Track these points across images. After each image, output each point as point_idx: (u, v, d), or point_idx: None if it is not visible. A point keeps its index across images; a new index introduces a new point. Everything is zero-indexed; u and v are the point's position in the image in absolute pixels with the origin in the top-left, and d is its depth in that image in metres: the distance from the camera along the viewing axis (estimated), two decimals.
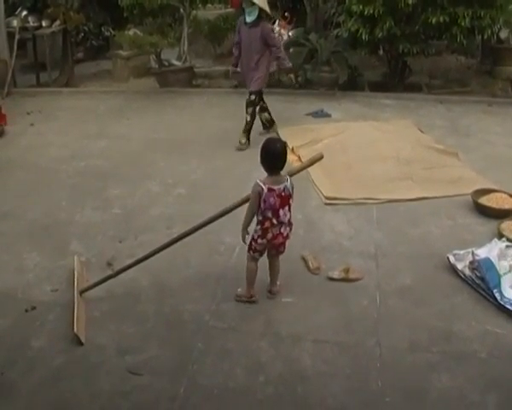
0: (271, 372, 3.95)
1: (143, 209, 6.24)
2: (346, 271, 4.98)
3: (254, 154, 6.89)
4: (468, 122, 8.99)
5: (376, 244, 5.51)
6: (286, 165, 4.44)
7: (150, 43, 10.21)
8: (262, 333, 4.32)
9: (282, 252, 4.66)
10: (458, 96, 10.35)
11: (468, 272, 4.94)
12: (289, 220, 4.49)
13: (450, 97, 10.27)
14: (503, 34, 11.78)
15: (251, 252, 4.59)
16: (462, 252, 5.14)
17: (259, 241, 4.49)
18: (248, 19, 7.59)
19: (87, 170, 7.25)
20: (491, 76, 11.97)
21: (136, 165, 7.38)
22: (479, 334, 4.33)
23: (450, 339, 4.28)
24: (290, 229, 4.54)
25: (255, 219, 4.48)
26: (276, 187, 4.31)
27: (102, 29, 13.08)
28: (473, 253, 4.97)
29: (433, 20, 9.16)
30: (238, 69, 8.13)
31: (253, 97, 7.95)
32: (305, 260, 5.18)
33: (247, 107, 8.02)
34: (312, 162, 4.74)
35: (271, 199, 4.30)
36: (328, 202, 6.31)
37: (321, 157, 4.64)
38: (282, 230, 4.45)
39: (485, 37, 9.64)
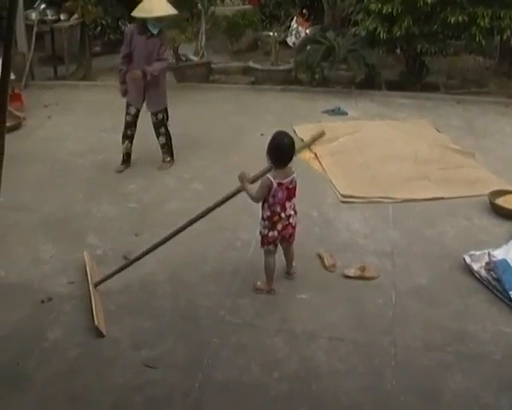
0: (286, 369, 3.97)
1: (159, 204, 6.27)
2: (362, 269, 4.98)
3: None
4: (485, 123, 8.92)
5: (392, 243, 5.50)
6: (303, 162, 4.50)
7: (168, 38, 10.18)
8: (277, 329, 4.34)
9: (292, 242, 4.80)
10: (475, 97, 10.27)
11: (484, 273, 4.93)
12: (294, 209, 4.64)
13: (467, 98, 10.19)
14: None
15: (265, 246, 4.70)
16: (478, 253, 5.12)
17: (270, 234, 4.61)
18: (154, 29, 6.75)
19: (104, 164, 7.27)
20: (508, 77, 11.89)
21: (152, 159, 7.37)
22: (493, 335, 4.33)
23: (464, 340, 4.29)
24: (296, 217, 4.69)
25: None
26: (284, 181, 4.46)
27: (120, 23, 13.08)
28: (489, 254, 4.95)
29: (452, 20, 9.08)
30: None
31: (160, 116, 7.13)
32: (320, 257, 5.19)
33: (157, 129, 7.19)
34: (315, 139, 5.08)
35: (279, 194, 4.46)
36: (344, 200, 6.30)
37: (323, 133, 4.92)
38: (290, 220, 4.62)
39: (505, 37, 9.49)
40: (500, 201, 6.09)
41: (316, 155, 7.34)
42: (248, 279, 4.91)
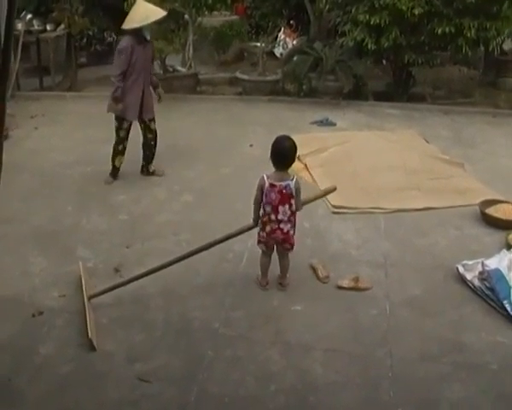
0: (282, 382, 3.93)
1: (149, 216, 6.21)
2: (356, 280, 4.96)
3: (261, 163, 6.92)
4: (473, 133, 8.99)
5: (385, 254, 5.49)
6: (293, 173, 4.69)
7: (156, 48, 10.15)
8: (272, 342, 4.30)
9: (288, 249, 4.83)
10: (462, 107, 10.35)
11: (477, 282, 4.93)
12: (290, 218, 4.64)
13: (454, 108, 10.26)
14: (507, 46, 11.82)
15: (258, 244, 4.86)
16: (471, 262, 5.13)
17: (261, 233, 4.75)
18: (148, 36, 6.73)
19: (92, 176, 7.20)
20: (494, 87, 11.99)
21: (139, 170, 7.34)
22: (489, 345, 4.32)
23: (460, 350, 4.27)
24: (292, 226, 4.70)
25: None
26: (277, 183, 4.54)
27: (105, 34, 13.06)
28: (483, 263, 4.95)
29: (439, 31, 9.16)
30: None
31: (154, 125, 7.15)
32: (313, 268, 5.16)
33: (155, 137, 7.16)
34: (327, 193, 5.21)
35: (272, 194, 4.54)
36: (335, 210, 6.29)
37: (334, 189, 5.03)
38: (281, 225, 4.63)
39: (490, 48, 9.56)
40: (491, 210, 6.11)
41: (306, 165, 7.33)
42: (241, 291, 4.89)
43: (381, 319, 4.57)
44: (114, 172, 7.15)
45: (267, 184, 4.55)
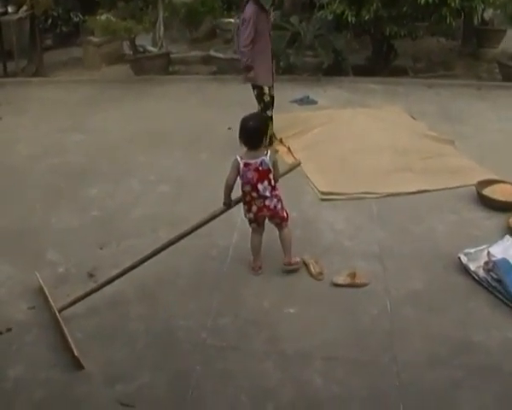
0: (280, 398, 3.55)
1: (125, 210, 5.76)
2: (352, 276, 4.58)
3: (241, 146, 6.46)
4: (460, 107, 8.64)
5: (380, 244, 5.12)
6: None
7: (125, 28, 9.66)
8: (266, 352, 3.91)
9: (280, 223, 4.70)
10: (446, 80, 10.03)
11: (482, 273, 4.59)
12: (272, 193, 4.53)
13: (437, 81, 9.93)
14: (487, 15, 11.50)
15: (250, 224, 4.73)
16: (473, 250, 4.81)
17: (248, 215, 4.66)
18: (268, 4, 6.67)
19: (62, 168, 6.70)
20: (474, 58, 11.69)
21: (115, 160, 6.87)
22: (501, 344, 4.00)
23: (470, 351, 3.93)
24: (278, 200, 4.59)
25: None
26: (252, 161, 4.45)
27: (71, 14, 12.45)
28: (488, 253, 4.60)
29: (422, 1, 8.74)
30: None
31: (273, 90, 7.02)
32: (306, 264, 4.77)
33: (272, 102, 7.03)
34: (292, 168, 5.07)
35: (248, 174, 4.46)
36: (324, 197, 5.90)
37: (299, 164, 5.12)
38: (266, 202, 4.53)
39: (475, 18, 9.20)
40: (488, 191, 5.78)
41: (289, 148, 6.92)
42: (229, 294, 4.49)
43: (383, 319, 4.20)
44: (271, 141, 6.83)
45: (241, 165, 4.47)
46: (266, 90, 6.82)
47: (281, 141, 7.13)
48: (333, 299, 4.43)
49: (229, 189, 4.58)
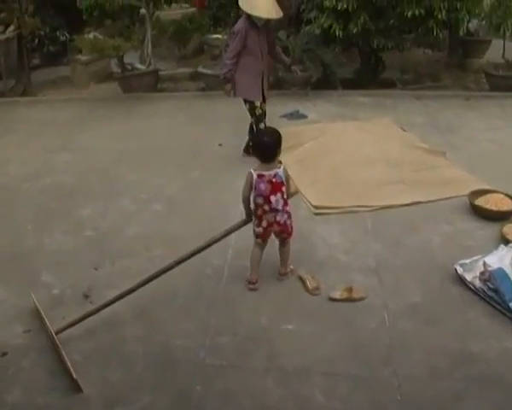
0: None
1: (118, 230, 5.71)
2: (349, 290, 4.56)
3: (233, 163, 6.46)
4: (449, 118, 8.69)
5: (376, 257, 5.11)
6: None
7: (113, 46, 9.64)
8: (266, 369, 3.87)
9: (287, 238, 4.72)
10: (434, 92, 10.11)
11: (478, 283, 4.59)
12: (284, 208, 4.56)
13: (426, 93, 9.99)
14: (472, 26, 11.59)
15: (257, 239, 4.67)
16: (468, 261, 4.80)
17: (256, 229, 4.60)
18: (260, 23, 6.57)
19: (52, 188, 6.66)
20: (461, 69, 11.79)
21: (106, 179, 6.83)
22: (500, 354, 3.98)
23: (471, 362, 3.91)
24: (288, 217, 4.62)
25: None
26: (266, 173, 4.46)
27: (58, 33, 12.44)
28: (484, 263, 4.60)
29: (409, 14, 8.80)
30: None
31: (265, 106, 7.06)
32: (302, 279, 4.74)
33: (264, 117, 7.05)
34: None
35: (261, 185, 4.44)
36: (317, 211, 5.88)
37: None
38: (277, 218, 4.54)
39: (461, 29, 9.26)
40: (481, 201, 5.79)
41: (280, 163, 6.88)
42: (225, 312, 4.44)
43: (382, 333, 4.18)
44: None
45: (255, 176, 4.45)
46: (258, 103, 6.84)
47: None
48: (330, 314, 4.40)
49: (246, 201, 4.59)
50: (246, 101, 6.91)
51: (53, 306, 4.54)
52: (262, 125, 6.92)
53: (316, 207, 5.93)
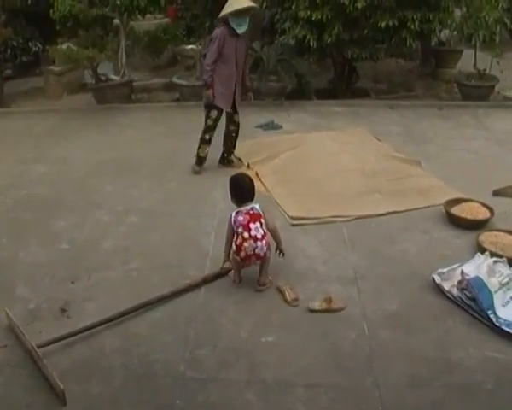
0: None
1: (94, 242, 5.64)
2: (328, 301, 4.56)
3: (209, 174, 6.42)
4: (423, 128, 8.76)
5: (354, 267, 5.12)
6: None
7: (87, 57, 9.55)
8: (246, 381, 3.85)
9: (265, 261, 4.81)
10: (407, 101, 10.16)
11: (456, 292, 4.63)
12: (264, 238, 4.67)
13: (399, 102, 10.05)
14: (444, 36, 11.72)
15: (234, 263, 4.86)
16: (445, 270, 4.85)
17: (234, 256, 4.75)
18: (240, 30, 6.54)
19: (27, 200, 6.56)
20: (433, 78, 11.91)
21: (81, 191, 6.75)
22: (479, 362, 4.03)
23: (450, 370, 3.96)
24: (268, 248, 4.73)
25: None
26: (243, 208, 4.72)
27: (30, 44, 12.31)
28: (462, 272, 4.64)
29: (383, 24, 8.88)
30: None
31: (238, 117, 7.17)
32: (280, 291, 4.74)
33: (237, 129, 7.22)
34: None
35: (240, 217, 4.66)
36: (294, 222, 5.88)
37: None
38: (257, 250, 4.65)
39: (433, 39, 9.37)
40: (456, 210, 5.85)
41: (256, 173, 6.88)
42: (205, 325, 4.41)
43: (362, 343, 4.19)
44: (199, 162, 7.18)
45: (233, 214, 4.71)
46: (214, 114, 6.90)
47: (248, 166, 7.11)
48: (310, 325, 4.39)
49: (228, 245, 4.84)
50: (206, 106, 6.98)
51: (29, 320, 4.47)
52: (207, 136, 7.03)
53: (293, 217, 5.93)
